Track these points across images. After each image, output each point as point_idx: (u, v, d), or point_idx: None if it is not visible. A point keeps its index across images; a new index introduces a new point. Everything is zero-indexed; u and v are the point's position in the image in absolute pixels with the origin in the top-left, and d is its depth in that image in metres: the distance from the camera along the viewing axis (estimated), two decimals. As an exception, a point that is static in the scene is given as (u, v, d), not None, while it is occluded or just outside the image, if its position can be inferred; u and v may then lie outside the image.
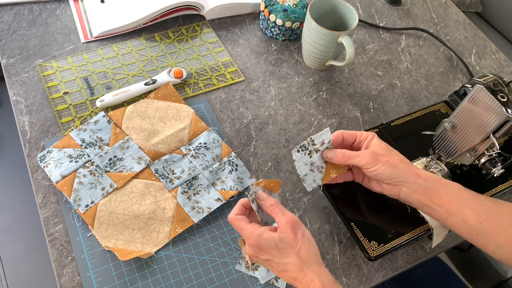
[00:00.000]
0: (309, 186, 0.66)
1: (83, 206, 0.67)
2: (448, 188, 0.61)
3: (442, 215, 0.61)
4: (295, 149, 0.64)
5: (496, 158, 0.69)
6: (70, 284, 0.62)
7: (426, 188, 0.61)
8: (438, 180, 0.62)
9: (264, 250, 0.56)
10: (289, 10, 0.90)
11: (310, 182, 0.66)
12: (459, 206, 0.60)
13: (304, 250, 0.55)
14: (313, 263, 0.55)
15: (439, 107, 0.86)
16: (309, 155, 0.65)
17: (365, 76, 0.94)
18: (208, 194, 0.72)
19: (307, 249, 0.55)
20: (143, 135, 0.76)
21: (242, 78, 0.88)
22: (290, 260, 0.55)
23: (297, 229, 0.56)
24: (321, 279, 0.54)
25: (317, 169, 0.66)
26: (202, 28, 0.95)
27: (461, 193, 0.61)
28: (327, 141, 0.65)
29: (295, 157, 0.65)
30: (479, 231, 0.60)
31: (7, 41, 0.86)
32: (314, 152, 0.65)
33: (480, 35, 1.07)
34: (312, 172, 0.66)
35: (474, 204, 0.61)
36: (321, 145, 0.64)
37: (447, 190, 0.61)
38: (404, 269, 0.71)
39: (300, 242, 0.55)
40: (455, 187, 0.62)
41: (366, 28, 1.03)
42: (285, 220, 0.56)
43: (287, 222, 0.56)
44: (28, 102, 0.79)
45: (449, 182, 0.62)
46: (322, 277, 0.54)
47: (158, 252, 0.66)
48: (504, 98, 0.60)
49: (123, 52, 0.88)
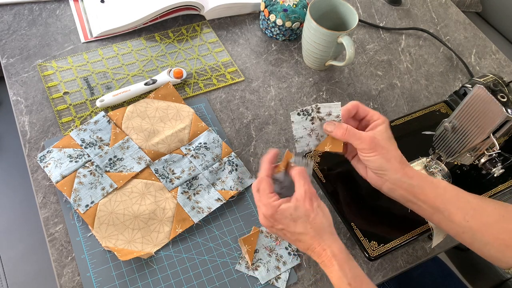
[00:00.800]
0: (300, 148, 0.65)
1: (83, 206, 0.67)
2: (434, 185, 0.61)
3: (427, 211, 0.61)
4: (295, 112, 0.62)
5: (496, 158, 0.69)
6: (70, 284, 0.62)
7: (411, 185, 0.60)
8: (424, 178, 0.61)
9: (279, 220, 0.58)
10: (289, 10, 0.90)
11: (303, 145, 0.65)
12: (445, 204, 0.60)
13: (318, 220, 0.57)
14: (326, 233, 0.57)
15: (439, 107, 0.86)
16: (311, 121, 0.63)
17: (365, 76, 0.94)
18: (208, 194, 0.72)
19: (320, 219, 0.57)
20: (143, 135, 0.76)
21: (242, 78, 0.88)
22: (303, 229, 0.57)
23: (313, 200, 0.57)
24: (332, 249, 0.56)
25: (315, 136, 0.64)
26: (202, 28, 0.95)
27: (447, 190, 0.61)
28: (335, 115, 0.62)
29: (293, 119, 0.63)
30: (465, 229, 0.59)
31: (7, 41, 0.86)
32: (317, 120, 0.63)
33: (480, 35, 1.07)
34: (309, 137, 0.64)
35: (460, 201, 0.60)
36: (327, 115, 0.62)
37: (433, 187, 0.60)
38: (404, 269, 0.71)
39: (314, 212, 0.57)
40: (441, 185, 0.61)
41: (366, 28, 1.03)
42: (304, 190, 0.57)
43: (305, 192, 0.57)
44: (28, 102, 0.79)
45: (436, 180, 0.61)
46: (333, 247, 0.56)
47: (158, 252, 0.66)
48: (504, 98, 0.60)
49: (123, 52, 0.88)
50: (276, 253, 0.68)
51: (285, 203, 0.57)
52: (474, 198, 0.61)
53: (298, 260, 0.68)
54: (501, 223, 0.59)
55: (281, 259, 0.67)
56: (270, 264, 0.67)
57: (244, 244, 0.67)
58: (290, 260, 0.68)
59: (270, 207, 0.58)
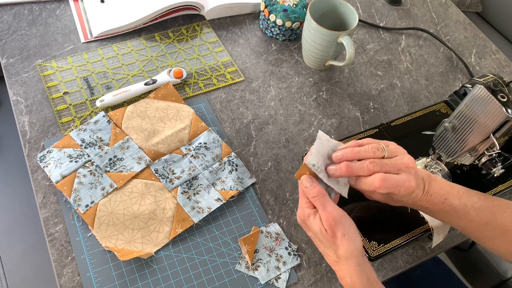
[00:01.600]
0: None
1: (83, 206, 0.67)
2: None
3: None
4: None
5: (496, 158, 0.69)
6: (70, 284, 0.62)
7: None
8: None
9: (308, 230, 0.58)
10: (289, 10, 0.90)
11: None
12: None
13: (341, 250, 0.54)
14: (348, 261, 0.54)
15: (439, 107, 0.86)
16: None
17: (365, 76, 0.94)
18: (208, 194, 0.72)
19: (345, 249, 0.54)
20: (143, 135, 0.76)
21: (242, 78, 0.88)
22: (327, 251, 0.56)
23: (337, 228, 0.54)
24: (352, 279, 0.54)
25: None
26: (202, 28, 0.95)
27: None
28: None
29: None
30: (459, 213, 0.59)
31: (7, 41, 0.86)
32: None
33: (480, 35, 1.07)
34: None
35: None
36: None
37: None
38: (404, 269, 0.71)
39: (338, 242, 0.54)
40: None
41: (366, 28, 1.03)
42: (325, 217, 0.54)
43: (326, 220, 0.54)
44: (28, 102, 0.79)
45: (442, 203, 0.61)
46: (354, 277, 0.54)
47: (158, 252, 0.66)
48: (504, 98, 0.60)
49: (123, 52, 0.88)
50: (276, 253, 0.68)
51: (313, 217, 0.55)
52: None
53: (298, 260, 0.68)
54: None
55: (281, 259, 0.67)
56: (270, 264, 0.67)
57: (244, 244, 0.67)
58: (290, 260, 0.68)
59: (301, 211, 0.57)
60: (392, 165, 0.55)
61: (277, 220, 0.72)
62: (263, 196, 0.74)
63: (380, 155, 0.55)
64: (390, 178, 0.54)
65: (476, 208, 0.59)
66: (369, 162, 0.54)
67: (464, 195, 0.59)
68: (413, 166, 0.56)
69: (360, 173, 0.55)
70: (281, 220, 0.72)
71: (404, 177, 0.55)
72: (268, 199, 0.74)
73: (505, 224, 0.59)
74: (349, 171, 0.55)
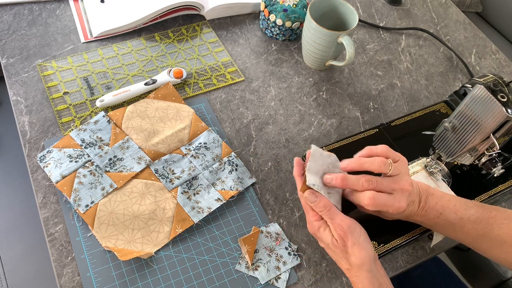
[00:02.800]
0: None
1: (83, 206, 0.67)
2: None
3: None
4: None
5: (496, 158, 0.69)
6: (70, 284, 0.62)
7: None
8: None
9: (320, 241, 0.59)
10: (289, 10, 0.90)
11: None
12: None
13: (353, 258, 0.56)
14: (360, 268, 0.56)
15: (439, 107, 0.86)
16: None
17: (365, 76, 0.94)
18: (208, 194, 0.72)
19: (356, 257, 0.55)
20: (143, 135, 0.76)
21: (242, 78, 0.88)
22: (340, 260, 0.58)
23: (347, 238, 0.55)
24: (364, 286, 0.56)
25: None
26: (202, 28, 0.95)
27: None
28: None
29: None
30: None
31: (7, 41, 0.86)
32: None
33: (480, 35, 1.07)
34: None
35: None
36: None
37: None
38: (404, 269, 0.71)
39: (349, 251, 0.55)
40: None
41: (366, 28, 1.03)
42: (334, 228, 0.56)
43: (336, 231, 0.56)
44: (28, 102, 0.79)
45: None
46: (366, 284, 0.56)
47: (158, 252, 0.66)
48: (504, 98, 0.60)
49: (123, 52, 0.88)
50: (276, 253, 0.68)
51: (324, 229, 0.57)
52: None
53: (298, 260, 0.68)
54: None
55: (281, 259, 0.67)
56: (270, 264, 0.67)
57: (244, 244, 0.67)
58: (290, 260, 0.68)
59: (311, 225, 0.58)
60: (387, 185, 0.57)
61: (277, 220, 0.72)
62: (263, 196, 0.74)
63: (385, 170, 0.56)
64: (380, 198, 0.56)
65: (473, 221, 0.60)
66: (365, 180, 0.56)
67: (461, 208, 0.61)
68: (407, 189, 0.57)
69: (354, 187, 0.57)
70: (281, 220, 0.72)
71: (395, 198, 0.57)
72: (268, 199, 0.74)
73: (501, 236, 0.60)
74: (344, 184, 0.57)
